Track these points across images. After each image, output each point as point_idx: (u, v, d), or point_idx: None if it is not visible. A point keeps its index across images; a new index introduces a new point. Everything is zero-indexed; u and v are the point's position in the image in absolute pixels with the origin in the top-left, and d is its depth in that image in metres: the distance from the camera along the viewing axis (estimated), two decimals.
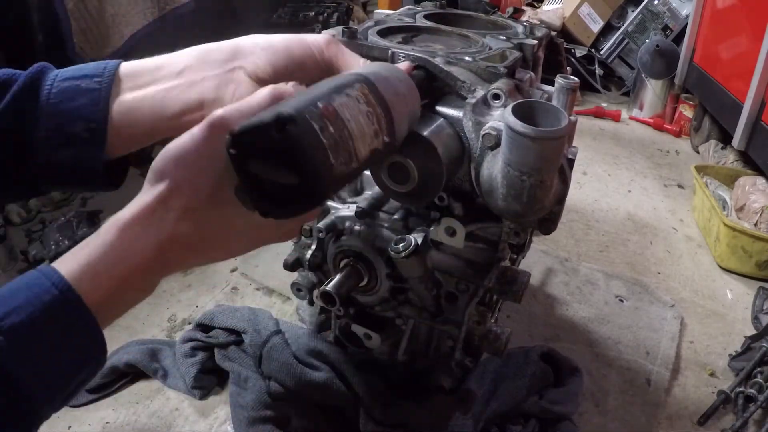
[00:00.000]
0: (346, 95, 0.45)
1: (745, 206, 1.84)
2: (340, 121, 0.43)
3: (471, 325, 0.83)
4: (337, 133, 0.42)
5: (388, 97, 0.50)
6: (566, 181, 0.70)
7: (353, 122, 0.44)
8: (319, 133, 0.40)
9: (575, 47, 3.19)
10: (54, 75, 0.53)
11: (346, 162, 0.43)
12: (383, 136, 0.49)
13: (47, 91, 0.52)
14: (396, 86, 0.53)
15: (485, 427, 1.00)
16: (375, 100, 0.48)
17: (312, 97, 0.42)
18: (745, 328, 1.50)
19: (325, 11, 3.38)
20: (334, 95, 0.44)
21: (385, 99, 0.50)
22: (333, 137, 0.42)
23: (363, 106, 0.46)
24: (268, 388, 1.04)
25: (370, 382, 1.01)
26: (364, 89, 0.48)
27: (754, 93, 1.97)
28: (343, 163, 0.43)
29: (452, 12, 1.15)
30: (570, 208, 2.02)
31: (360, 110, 0.46)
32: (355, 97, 0.46)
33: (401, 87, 0.54)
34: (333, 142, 0.42)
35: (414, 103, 0.57)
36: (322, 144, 0.41)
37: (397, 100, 0.52)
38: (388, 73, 0.54)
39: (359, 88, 0.47)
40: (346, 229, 0.89)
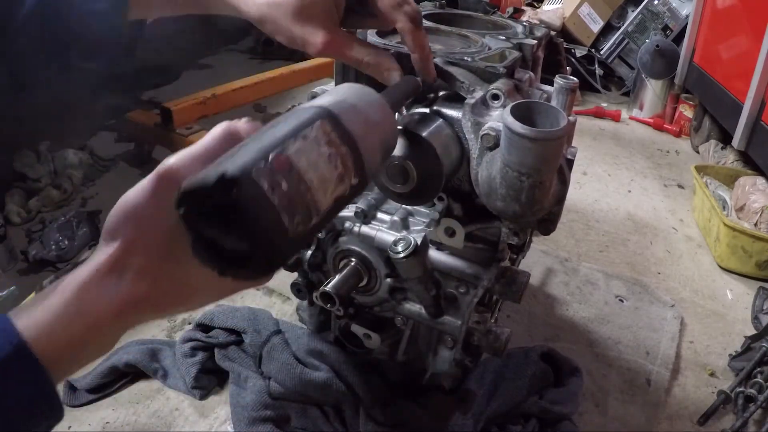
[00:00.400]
0: (303, 138, 0.40)
1: (745, 206, 1.84)
2: (295, 173, 0.38)
3: (471, 325, 0.83)
4: (291, 189, 0.37)
5: (356, 130, 0.44)
6: (565, 182, 0.70)
7: (312, 171, 0.39)
8: (268, 193, 0.36)
9: (575, 47, 3.19)
10: None
11: (304, 220, 0.38)
12: (350, 179, 0.43)
13: None
14: (366, 114, 0.47)
15: (485, 427, 1.00)
16: (339, 138, 0.42)
17: (264, 145, 0.37)
18: (745, 328, 1.50)
19: None
20: (289, 141, 0.39)
21: (352, 134, 0.44)
22: (286, 195, 0.37)
23: (324, 148, 0.41)
24: (268, 387, 1.04)
25: (370, 382, 1.01)
26: (326, 126, 0.42)
27: (754, 93, 1.97)
28: (300, 222, 0.38)
29: (452, 12, 1.15)
30: (570, 208, 2.02)
31: (320, 154, 0.40)
32: (314, 139, 0.40)
33: (372, 113, 0.48)
34: (287, 201, 0.37)
35: (388, 130, 0.51)
36: (273, 206, 0.36)
37: (367, 131, 0.46)
38: (357, 99, 0.47)
39: (320, 126, 0.41)
40: (346, 229, 0.89)
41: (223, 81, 2.22)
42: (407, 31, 0.66)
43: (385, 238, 0.84)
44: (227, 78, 2.34)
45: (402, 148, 0.67)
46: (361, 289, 0.88)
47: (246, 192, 0.34)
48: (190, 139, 1.90)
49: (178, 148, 0.41)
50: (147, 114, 2.07)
